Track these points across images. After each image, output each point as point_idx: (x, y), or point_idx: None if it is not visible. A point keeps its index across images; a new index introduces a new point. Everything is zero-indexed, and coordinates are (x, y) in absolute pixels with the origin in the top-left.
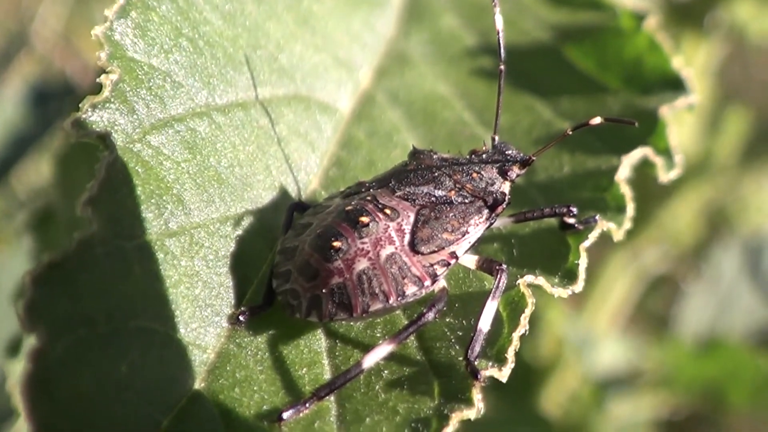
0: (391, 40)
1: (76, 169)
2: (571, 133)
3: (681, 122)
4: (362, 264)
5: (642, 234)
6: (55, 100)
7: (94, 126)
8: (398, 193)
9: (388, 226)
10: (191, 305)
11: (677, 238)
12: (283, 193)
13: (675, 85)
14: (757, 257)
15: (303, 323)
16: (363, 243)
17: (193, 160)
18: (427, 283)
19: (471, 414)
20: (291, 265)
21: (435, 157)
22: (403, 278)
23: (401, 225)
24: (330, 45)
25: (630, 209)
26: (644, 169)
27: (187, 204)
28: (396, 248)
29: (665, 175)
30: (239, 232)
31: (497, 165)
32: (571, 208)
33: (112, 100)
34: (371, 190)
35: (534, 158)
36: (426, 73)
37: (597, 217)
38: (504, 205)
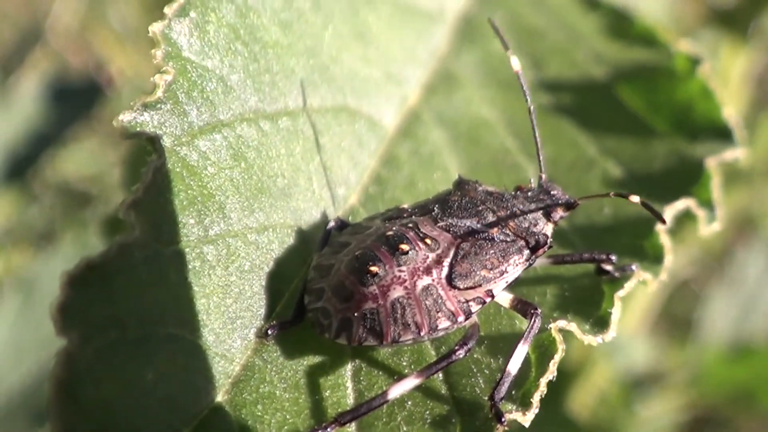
0: (442, 58)
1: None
2: (612, 196)
3: None
4: (398, 292)
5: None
6: (74, 97)
7: (144, 126)
8: (440, 224)
9: (428, 257)
10: (221, 315)
11: (704, 243)
12: (322, 207)
13: (723, 134)
14: None
15: (330, 344)
16: (401, 271)
17: (237, 168)
18: (461, 318)
19: None
20: (325, 284)
21: (480, 189)
22: (437, 312)
23: (440, 257)
24: (382, 58)
25: (668, 260)
26: (685, 219)
27: (227, 212)
28: (433, 280)
29: (706, 229)
30: (275, 243)
31: (541, 205)
32: (611, 257)
33: (165, 100)
34: (413, 216)
35: (579, 203)
36: (473, 96)
37: (634, 267)
38: (546, 248)
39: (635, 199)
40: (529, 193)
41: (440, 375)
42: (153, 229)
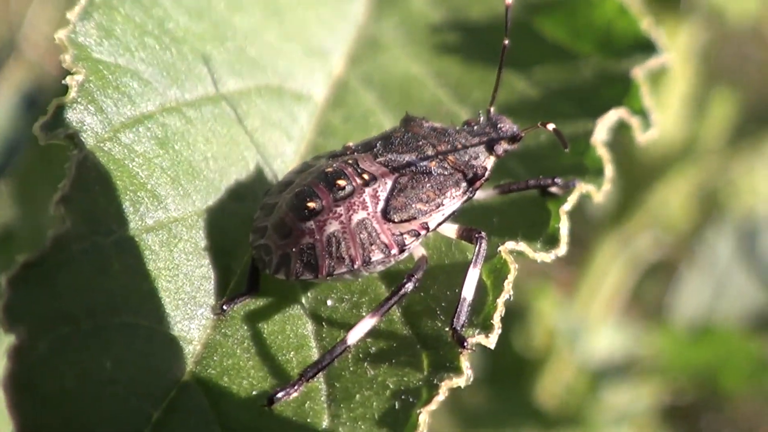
0: (362, 26)
1: (39, 186)
2: (540, 126)
3: (665, 106)
4: (333, 227)
5: (632, 220)
6: (45, 107)
7: (64, 127)
8: (380, 159)
9: (364, 191)
10: (173, 298)
11: (669, 224)
12: (261, 183)
13: (646, 47)
14: (752, 240)
15: (287, 308)
16: (337, 206)
17: (166, 155)
18: (394, 251)
19: (461, 381)
20: (268, 222)
21: (426, 125)
22: (371, 245)
23: (377, 191)
24: (300, 34)
25: (608, 170)
26: (622, 133)
27: (163, 199)
28: (368, 214)
29: (642, 135)
30: (218, 223)
31: (485, 138)
32: (556, 180)
33: (79, 100)
34: (356, 153)
35: (523, 134)
36: (398, 56)
37: (576, 182)
38: (482, 180)
39: (550, 126)
40: (475, 127)
41: (400, 316)
42: (87, 221)
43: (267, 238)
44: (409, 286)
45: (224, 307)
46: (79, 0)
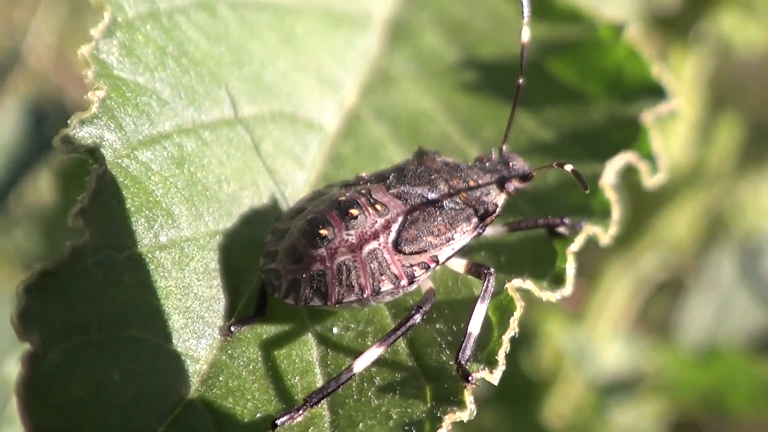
0: (375, 59)
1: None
2: (555, 166)
3: (672, 133)
4: (344, 255)
5: (638, 243)
6: (51, 120)
7: (82, 141)
8: (392, 191)
9: (376, 222)
10: (183, 317)
11: (675, 246)
12: (271, 208)
13: (656, 91)
14: (754, 260)
15: (294, 333)
16: (349, 235)
17: (181, 176)
18: (404, 282)
19: (464, 416)
20: (279, 246)
21: (438, 159)
22: (381, 275)
23: (389, 222)
24: (313, 63)
25: (615, 213)
26: (629, 175)
27: (176, 218)
28: (379, 244)
29: (650, 180)
30: (229, 245)
31: (497, 175)
32: (565, 220)
33: (100, 116)
34: (369, 183)
35: (534, 173)
36: (410, 90)
37: (583, 223)
38: (493, 217)
39: (568, 167)
40: (487, 164)
41: (406, 348)
42: (103, 234)
43: (278, 263)
44: (417, 317)
45: (232, 329)
46: (103, 18)
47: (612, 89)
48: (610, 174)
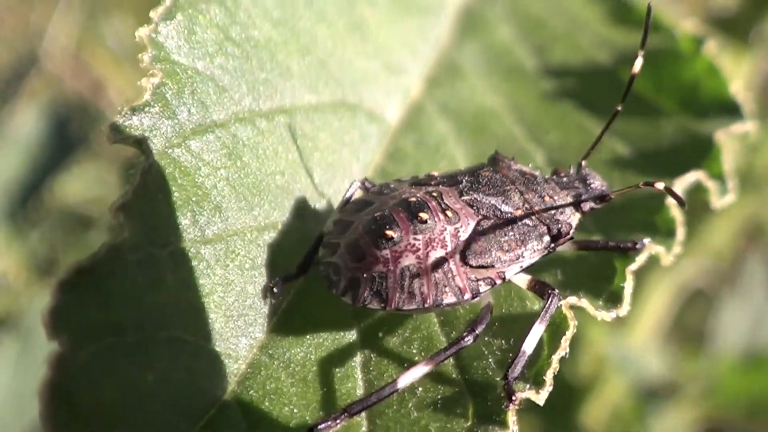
0: (444, 49)
1: None
2: (642, 186)
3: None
4: (409, 260)
5: (684, 249)
6: (71, 124)
7: (132, 130)
8: (465, 197)
9: (445, 229)
10: (224, 315)
11: (716, 253)
12: (325, 202)
13: (731, 110)
14: None
15: (337, 335)
16: (416, 239)
17: (233, 167)
18: (467, 296)
19: None
20: (341, 240)
21: (514, 168)
22: (445, 286)
23: (458, 231)
24: (381, 52)
25: (680, 233)
26: (697, 194)
27: (224, 211)
28: (446, 253)
29: (718, 201)
30: (278, 240)
31: (574, 193)
32: (637, 245)
33: (153, 103)
34: (440, 185)
35: (613, 196)
36: (477, 85)
37: (646, 241)
38: (567, 239)
39: (660, 185)
40: (564, 179)
41: (451, 360)
42: (145, 231)
43: (338, 257)
44: (469, 339)
45: (275, 290)
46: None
47: (687, 104)
48: (679, 190)
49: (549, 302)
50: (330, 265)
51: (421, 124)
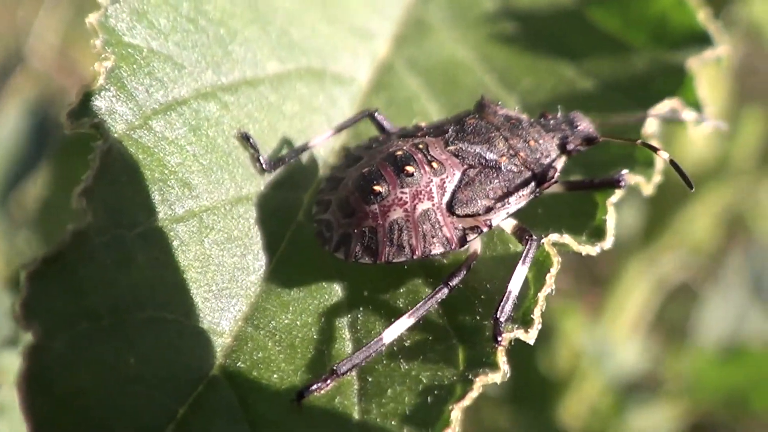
0: (410, 7)
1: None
2: (639, 144)
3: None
4: (397, 213)
5: (659, 241)
6: (53, 123)
7: (91, 115)
8: (450, 147)
9: (431, 181)
10: (204, 290)
11: (695, 245)
12: (300, 169)
13: (702, 39)
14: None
15: (323, 298)
16: (403, 192)
17: (199, 142)
18: (455, 246)
19: (496, 377)
20: (333, 196)
21: (500, 113)
22: (433, 237)
23: (444, 182)
24: (345, 15)
25: (659, 162)
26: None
27: (194, 188)
28: (433, 205)
29: (696, 129)
30: (252, 212)
31: (560, 136)
32: (622, 181)
33: (108, 87)
34: (427, 137)
35: (601, 139)
36: (445, 39)
37: (624, 172)
38: (552, 182)
39: (664, 155)
40: (552, 122)
41: (438, 307)
42: (110, 214)
43: (330, 214)
44: (445, 291)
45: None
46: None
47: (656, 38)
48: (653, 121)
49: (528, 247)
50: (322, 222)
51: (391, 83)
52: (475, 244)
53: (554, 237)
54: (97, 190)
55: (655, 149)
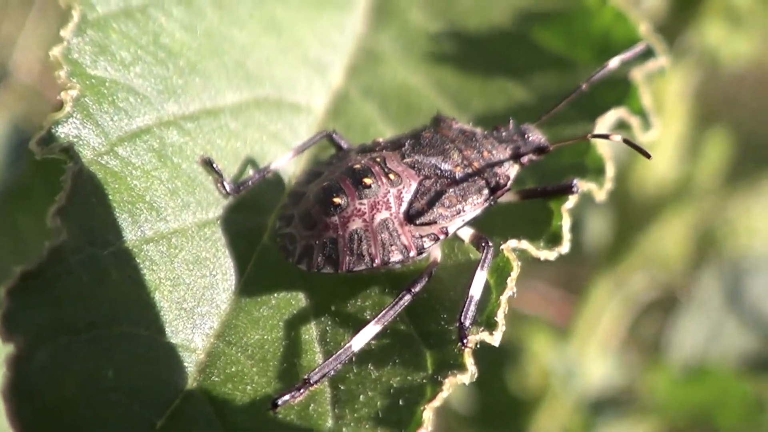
0: (361, 38)
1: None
2: (590, 138)
3: (659, 147)
4: (356, 224)
5: (625, 260)
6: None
7: (59, 141)
8: (407, 160)
9: (389, 192)
10: (175, 308)
11: (664, 264)
12: (261, 194)
13: (645, 51)
14: (743, 282)
15: (292, 313)
16: (361, 204)
17: (164, 168)
18: (413, 253)
19: (465, 378)
20: (295, 211)
21: (455, 127)
22: (391, 245)
23: (401, 192)
24: (298, 47)
25: (609, 169)
26: (622, 130)
27: (161, 210)
28: (391, 214)
29: (642, 135)
30: (219, 234)
31: (512, 146)
32: (574, 188)
33: (74, 114)
34: (384, 151)
35: (552, 148)
36: (397, 67)
37: (576, 181)
38: (504, 190)
39: (617, 138)
40: (504, 134)
41: (404, 316)
42: (84, 233)
43: (293, 227)
44: (408, 298)
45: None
46: (73, 17)
47: (600, 54)
48: (601, 130)
49: (485, 253)
50: (285, 236)
51: (347, 110)
52: (435, 253)
53: (513, 243)
54: (70, 210)
55: (606, 136)
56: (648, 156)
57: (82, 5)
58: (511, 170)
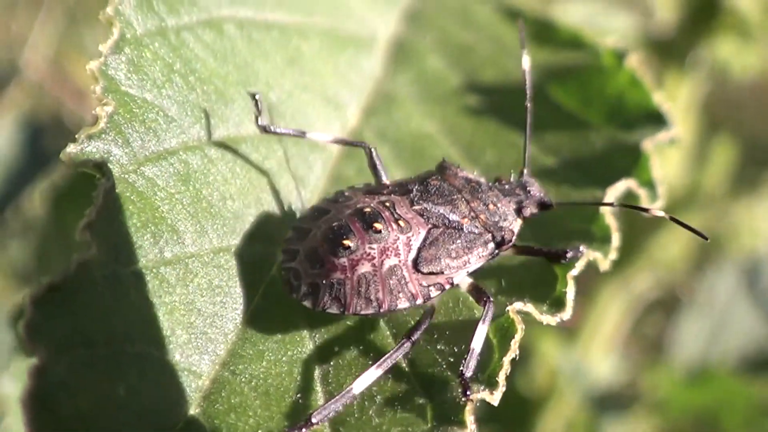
0: (378, 80)
1: (71, 209)
2: (615, 206)
3: (667, 157)
4: (365, 268)
5: (632, 264)
6: (48, 133)
7: (90, 156)
8: (416, 207)
9: (398, 239)
10: (186, 332)
11: (669, 266)
12: (274, 226)
13: (657, 119)
14: (754, 277)
15: (296, 351)
16: (371, 248)
17: (187, 192)
18: (419, 301)
19: None
20: (300, 246)
21: (461, 175)
22: (399, 292)
23: (410, 240)
24: (318, 84)
25: (615, 239)
26: (629, 201)
27: (181, 234)
28: (400, 261)
29: (649, 206)
30: (232, 263)
31: (515, 200)
32: (567, 255)
33: (108, 131)
34: (393, 195)
35: (554, 205)
36: (413, 112)
37: (582, 248)
38: (509, 245)
39: (660, 213)
40: (507, 186)
41: (407, 367)
42: (109, 249)
43: (298, 263)
44: (408, 345)
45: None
46: (112, 34)
47: (613, 116)
48: (610, 199)
49: (486, 308)
50: (290, 271)
51: (361, 152)
52: (433, 301)
53: (518, 305)
54: (99, 226)
55: (645, 209)
56: (705, 238)
57: (122, 23)
58: (515, 225)
